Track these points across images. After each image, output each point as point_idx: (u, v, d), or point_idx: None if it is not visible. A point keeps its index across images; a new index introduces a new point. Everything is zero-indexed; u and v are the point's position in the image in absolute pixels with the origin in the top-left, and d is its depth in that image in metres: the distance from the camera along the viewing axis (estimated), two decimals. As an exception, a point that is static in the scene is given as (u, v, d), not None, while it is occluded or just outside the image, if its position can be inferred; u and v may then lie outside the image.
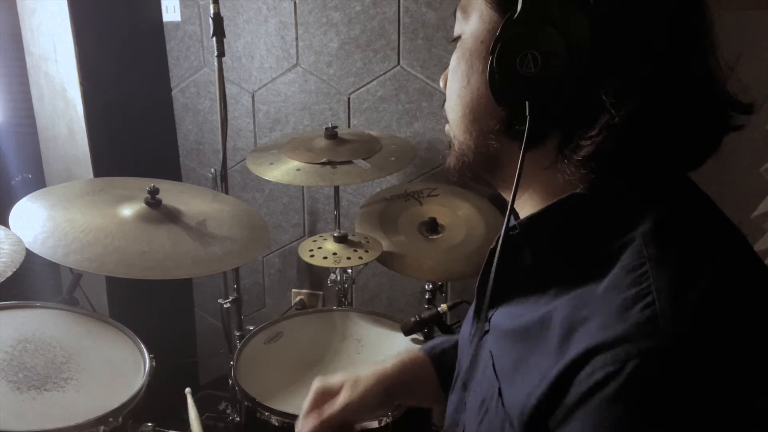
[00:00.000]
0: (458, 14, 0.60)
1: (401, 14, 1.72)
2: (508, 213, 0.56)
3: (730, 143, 0.54)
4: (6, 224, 1.20)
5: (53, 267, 1.77)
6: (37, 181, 1.83)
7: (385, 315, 1.46)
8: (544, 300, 0.54)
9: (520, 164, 0.54)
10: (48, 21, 1.67)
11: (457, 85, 0.60)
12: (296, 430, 0.80)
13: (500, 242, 0.58)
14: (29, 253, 1.14)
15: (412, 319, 1.30)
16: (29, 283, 1.81)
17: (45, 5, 1.66)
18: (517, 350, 0.56)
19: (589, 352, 0.45)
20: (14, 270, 1.07)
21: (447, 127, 0.65)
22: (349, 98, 1.84)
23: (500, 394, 0.56)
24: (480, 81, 0.56)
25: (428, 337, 1.33)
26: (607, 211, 0.54)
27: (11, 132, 1.84)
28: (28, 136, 1.81)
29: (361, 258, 1.40)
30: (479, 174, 0.62)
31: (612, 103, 0.50)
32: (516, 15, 0.51)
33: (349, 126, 1.86)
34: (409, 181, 1.82)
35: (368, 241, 1.47)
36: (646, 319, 0.45)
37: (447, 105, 0.63)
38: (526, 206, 0.61)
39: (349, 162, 1.49)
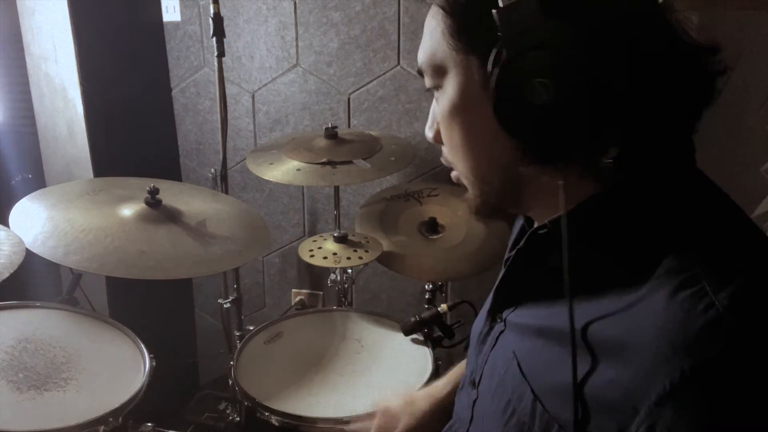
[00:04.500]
0: (428, 72, 0.59)
1: (401, 14, 1.72)
2: (564, 234, 0.53)
3: (730, 143, 0.55)
4: (6, 224, 1.20)
5: (53, 267, 1.77)
6: (37, 181, 1.83)
7: (385, 315, 1.46)
8: (575, 302, 0.53)
9: (563, 185, 0.53)
10: (48, 21, 1.67)
11: (459, 135, 0.58)
12: None
13: (526, 242, 0.60)
14: (29, 253, 1.14)
15: (412, 319, 1.30)
16: (29, 283, 1.81)
17: (45, 5, 1.66)
18: (548, 351, 0.56)
19: (660, 360, 0.45)
20: (11, 272, 1.07)
21: (455, 173, 0.63)
22: (349, 98, 1.84)
23: (536, 396, 0.55)
24: (485, 123, 0.53)
25: (428, 337, 1.33)
26: (634, 210, 0.54)
27: (11, 132, 1.84)
28: (28, 136, 1.81)
29: (361, 258, 1.40)
30: (506, 208, 0.62)
31: (630, 106, 0.49)
32: (503, 52, 0.49)
33: (349, 126, 1.86)
34: (409, 181, 1.82)
35: (368, 241, 1.47)
36: (711, 321, 0.44)
37: (451, 157, 0.62)
38: (541, 218, 0.61)
39: (349, 162, 1.49)
